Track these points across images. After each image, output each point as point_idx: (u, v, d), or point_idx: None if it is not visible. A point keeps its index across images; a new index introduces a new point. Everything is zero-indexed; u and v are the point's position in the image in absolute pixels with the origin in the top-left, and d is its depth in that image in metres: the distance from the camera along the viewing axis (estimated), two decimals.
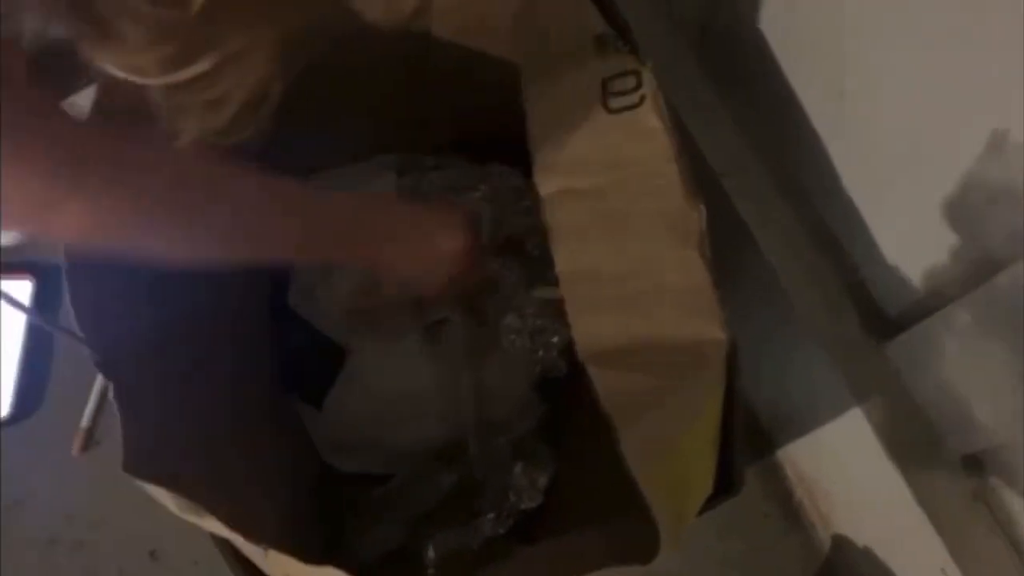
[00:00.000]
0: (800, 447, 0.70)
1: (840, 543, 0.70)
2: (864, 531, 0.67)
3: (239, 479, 0.46)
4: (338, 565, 0.37)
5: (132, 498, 0.38)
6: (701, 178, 0.49)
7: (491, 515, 0.63)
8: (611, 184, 0.49)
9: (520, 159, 0.68)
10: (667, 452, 0.42)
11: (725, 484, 0.45)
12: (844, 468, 0.67)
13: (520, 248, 0.65)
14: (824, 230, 0.62)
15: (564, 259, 0.48)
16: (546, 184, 0.50)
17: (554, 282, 0.48)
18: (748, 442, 0.62)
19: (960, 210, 0.50)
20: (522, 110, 0.53)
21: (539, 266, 0.63)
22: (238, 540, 0.38)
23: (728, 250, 0.50)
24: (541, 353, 0.63)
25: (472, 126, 0.65)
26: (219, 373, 0.53)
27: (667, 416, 0.43)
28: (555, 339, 0.62)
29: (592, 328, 0.46)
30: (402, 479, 0.65)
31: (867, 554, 0.66)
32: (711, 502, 0.44)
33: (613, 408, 0.42)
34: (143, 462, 0.37)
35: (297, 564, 0.38)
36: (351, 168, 0.68)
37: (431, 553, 0.62)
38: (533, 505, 0.62)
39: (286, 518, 0.50)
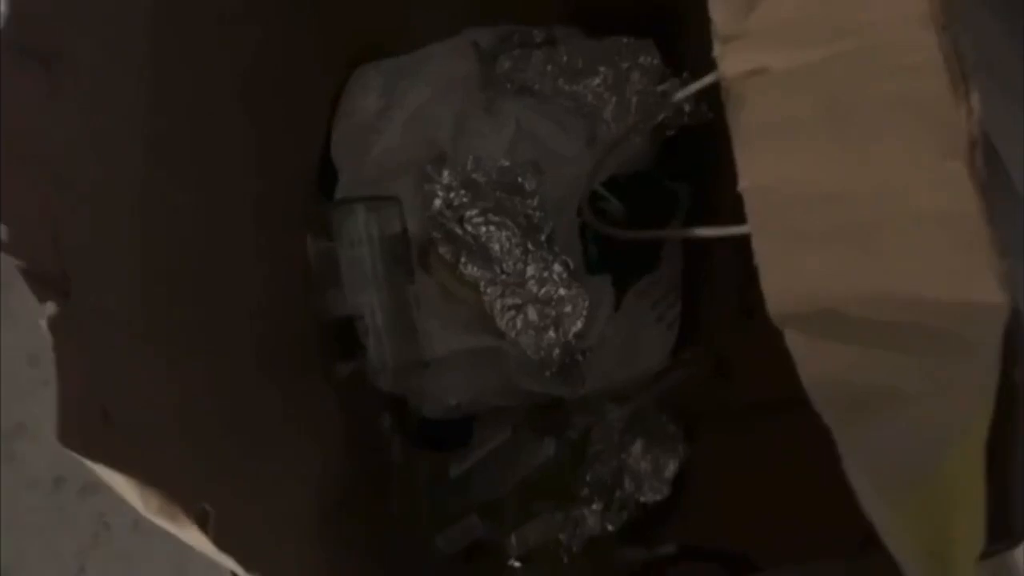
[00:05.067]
0: None
1: None
2: None
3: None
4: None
5: None
6: None
7: (596, 506, 0.48)
8: (833, 60, 0.32)
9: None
10: (919, 482, 0.26)
11: (999, 526, 0.29)
12: None
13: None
14: None
15: (755, 169, 0.32)
16: (732, 61, 0.33)
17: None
18: None
19: None
20: None
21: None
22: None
23: None
24: None
25: None
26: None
27: (916, 422, 0.27)
28: None
29: (794, 276, 0.30)
30: (488, 450, 0.51)
31: None
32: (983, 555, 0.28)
33: (826, 404, 0.27)
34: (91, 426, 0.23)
35: None
36: (426, 50, 0.53)
37: (514, 546, 0.49)
38: (657, 499, 0.48)
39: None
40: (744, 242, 0.31)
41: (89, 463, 0.21)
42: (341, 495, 0.40)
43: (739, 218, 0.32)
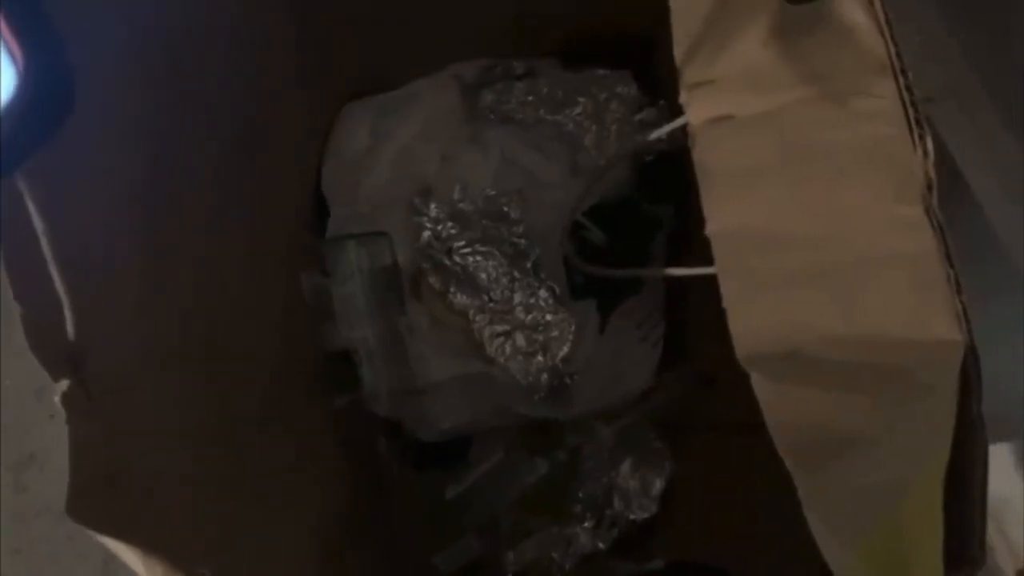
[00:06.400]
0: (993, 454, 0.55)
1: None
2: None
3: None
4: None
5: None
6: None
7: (588, 524, 0.50)
8: (795, 107, 0.34)
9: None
10: (877, 523, 0.28)
11: (958, 554, 0.30)
12: None
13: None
14: None
15: (721, 214, 0.33)
16: (698, 108, 0.35)
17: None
18: None
19: None
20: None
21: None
22: None
23: None
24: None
25: (580, 24, 0.50)
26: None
27: (876, 464, 0.29)
28: None
29: (759, 318, 0.32)
30: (483, 471, 0.53)
31: None
32: None
33: (790, 448, 0.29)
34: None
35: None
36: (411, 86, 0.54)
37: (511, 563, 0.51)
38: (645, 516, 0.50)
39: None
40: None
41: (95, 535, 0.23)
42: (342, 529, 0.41)
43: None
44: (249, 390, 0.38)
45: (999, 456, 0.56)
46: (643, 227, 0.54)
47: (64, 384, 0.25)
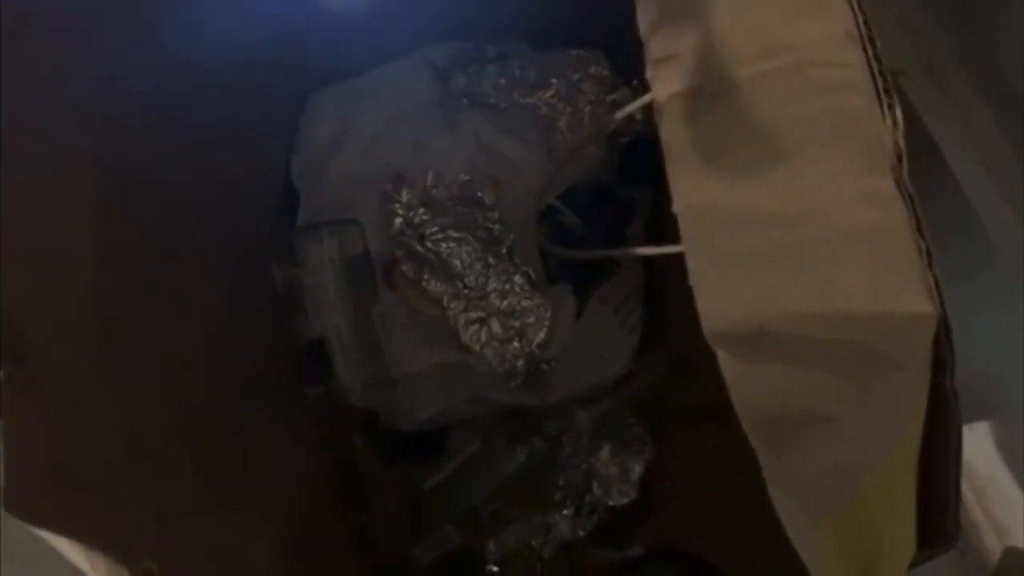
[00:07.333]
0: (977, 433, 0.55)
1: (1016, 559, 0.54)
2: None
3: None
4: None
5: None
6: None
7: (568, 511, 0.50)
8: (761, 80, 0.33)
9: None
10: (844, 499, 0.27)
11: (932, 531, 0.30)
12: None
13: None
14: None
15: (687, 191, 0.33)
16: (664, 83, 0.34)
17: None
18: None
19: None
20: None
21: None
22: None
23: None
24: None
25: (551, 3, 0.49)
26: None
27: (844, 441, 0.28)
28: None
29: (726, 295, 0.31)
30: (460, 461, 0.52)
31: None
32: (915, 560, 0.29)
33: (755, 427, 0.28)
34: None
35: None
36: (381, 70, 0.53)
37: (492, 552, 0.50)
38: (625, 501, 0.49)
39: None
40: None
41: (34, 529, 0.22)
42: (316, 523, 0.41)
43: None
44: (212, 383, 0.37)
45: (983, 434, 0.56)
46: (620, 210, 0.53)
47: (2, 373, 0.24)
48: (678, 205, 0.33)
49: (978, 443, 0.56)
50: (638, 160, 0.53)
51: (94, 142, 0.33)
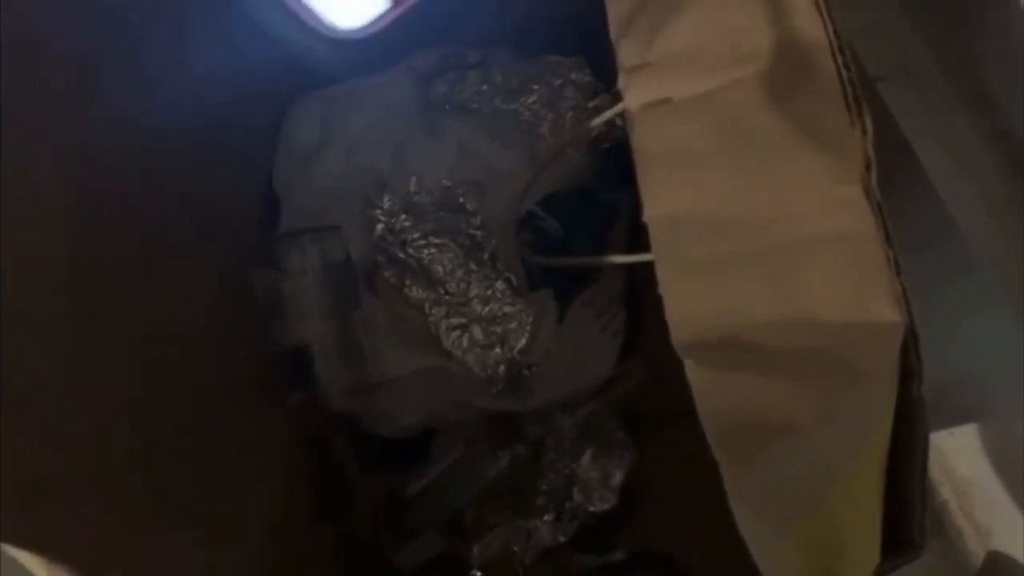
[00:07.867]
0: (958, 436, 0.55)
1: (999, 563, 0.54)
2: None
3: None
4: None
5: None
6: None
7: (549, 516, 0.50)
8: (730, 88, 0.33)
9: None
10: (809, 510, 0.27)
11: (898, 539, 0.30)
12: (1017, 472, 0.51)
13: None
14: (1019, 152, 0.45)
15: (658, 200, 0.33)
16: (635, 92, 0.34)
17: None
18: None
19: None
20: None
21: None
22: None
23: (882, 178, 0.34)
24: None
25: (531, 10, 0.49)
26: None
27: (811, 450, 0.28)
28: None
29: (694, 303, 0.31)
30: (443, 467, 0.52)
31: None
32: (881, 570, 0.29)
33: (719, 437, 0.28)
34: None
35: None
36: (369, 80, 0.53)
37: (476, 557, 0.50)
38: (605, 507, 0.49)
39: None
40: None
41: None
42: (297, 530, 0.41)
43: None
44: (189, 395, 0.37)
45: (964, 438, 0.56)
46: (601, 215, 0.54)
47: None
48: (648, 214, 0.33)
49: (959, 447, 0.56)
50: (620, 165, 0.53)
51: (68, 168, 0.33)
